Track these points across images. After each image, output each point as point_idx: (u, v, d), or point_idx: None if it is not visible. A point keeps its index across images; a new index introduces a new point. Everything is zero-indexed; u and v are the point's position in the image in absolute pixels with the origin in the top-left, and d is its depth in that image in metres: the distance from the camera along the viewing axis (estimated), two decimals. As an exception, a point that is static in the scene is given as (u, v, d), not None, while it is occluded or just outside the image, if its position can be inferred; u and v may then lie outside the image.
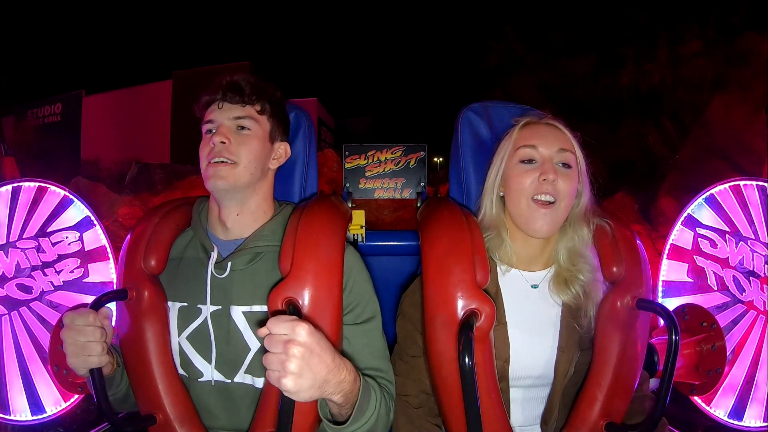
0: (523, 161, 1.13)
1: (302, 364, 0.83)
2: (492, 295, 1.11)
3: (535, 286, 1.16)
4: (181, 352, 1.12)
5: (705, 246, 1.72)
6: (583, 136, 1.18)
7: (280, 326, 0.84)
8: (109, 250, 1.68)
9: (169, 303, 1.13)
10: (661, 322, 1.06)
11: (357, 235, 1.51)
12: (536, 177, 1.10)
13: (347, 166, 1.70)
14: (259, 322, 1.08)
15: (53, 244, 1.63)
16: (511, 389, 1.12)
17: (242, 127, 1.13)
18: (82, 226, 1.68)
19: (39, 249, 1.61)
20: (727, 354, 1.19)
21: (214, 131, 1.12)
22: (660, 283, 1.73)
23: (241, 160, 1.10)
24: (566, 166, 1.11)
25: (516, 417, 1.14)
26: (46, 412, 1.58)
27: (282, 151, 1.21)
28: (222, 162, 1.09)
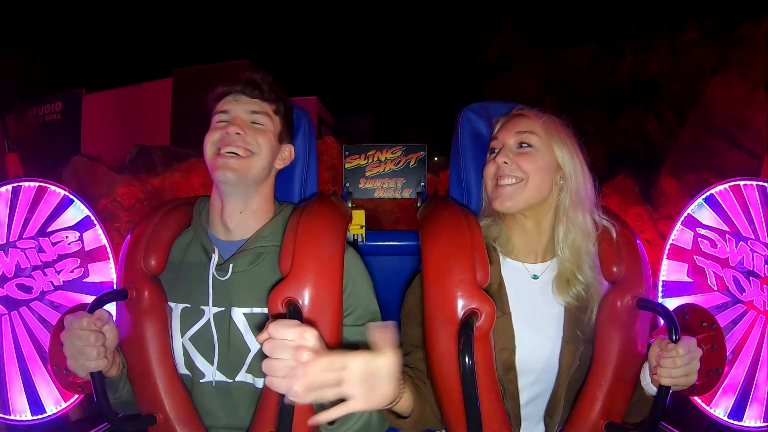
0: (490, 152, 1.20)
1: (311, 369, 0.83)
2: (495, 286, 1.12)
3: (535, 277, 1.16)
4: (185, 353, 1.12)
5: (705, 246, 1.72)
6: (583, 125, 1.20)
7: (284, 331, 0.83)
8: (109, 250, 1.68)
9: (172, 304, 1.13)
10: (661, 322, 1.06)
11: (357, 235, 1.51)
12: (496, 163, 1.15)
13: (347, 166, 1.70)
14: (258, 324, 1.08)
15: (53, 244, 1.63)
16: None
17: (256, 123, 1.13)
18: (82, 226, 1.68)
19: (39, 249, 1.61)
20: (727, 354, 1.18)
21: (228, 121, 1.11)
22: (660, 283, 1.73)
23: (261, 150, 1.11)
24: (526, 146, 1.15)
25: (521, 413, 1.14)
26: (46, 412, 1.58)
27: (287, 153, 1.21)
28: (233, 154, 1.09)
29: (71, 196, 1.68)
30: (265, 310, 1.07)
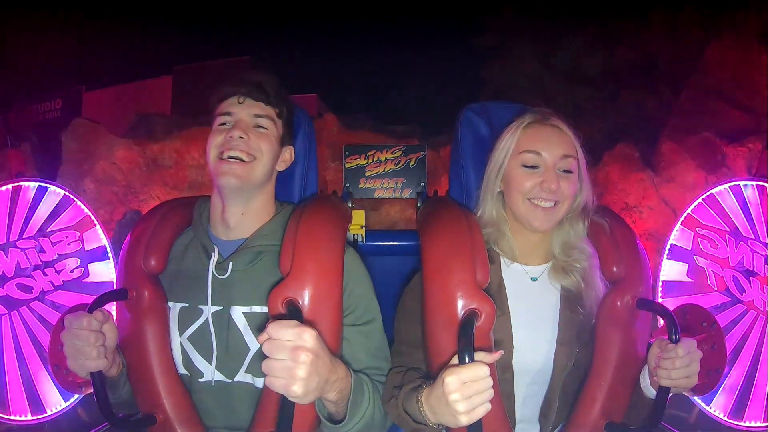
0: (525, 165, 1.13)
1: (311, 370, 0.83)
2: (495, 287, 1.12)
3: (534, 279, 1.17)
4: (183, 352, 1.12)
5: (705, 246, 1.72)
6: (584, 104, 1.18)
7: (283, 332, 0.83)
8: (109, 250, 1.68)
9: (171, 303, 1.13)
10: (661, 322, 1.06)
11: (357, 235, 1.51)
12: (537, 182, 1.11)
13: (347, 166, 1.70)
14: (258, 323, 1.08)
15: (53, 244, 1.63)
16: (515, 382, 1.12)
17: (260, 126, 1.13)
18: (82, 226, 1.68)
19: (39, 249, 1.61)
20: (727, 354, 1.18)
21: (231, 124, 1.11)
22: (660, 283, 1.73)
23: (263, 155, 1.11)
24: (568, 171, 1.12)
25: (516, 413, 1.14)
26: (46, 412, 1.58)
27: (288, 155, 1.22)
28: (236, 159, 1.08)
29: (71, 196, 1.68)
30: (265, 309, 1.07)
